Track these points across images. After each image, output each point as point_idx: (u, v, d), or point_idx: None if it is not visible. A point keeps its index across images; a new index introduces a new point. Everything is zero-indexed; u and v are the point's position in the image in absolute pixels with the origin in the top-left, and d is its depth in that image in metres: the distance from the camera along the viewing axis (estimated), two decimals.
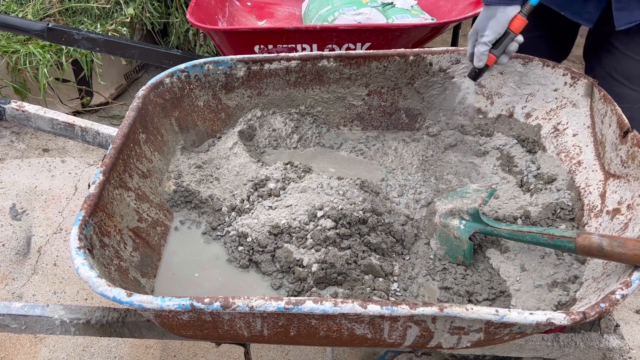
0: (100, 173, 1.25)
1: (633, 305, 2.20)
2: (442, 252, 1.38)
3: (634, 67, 1.53)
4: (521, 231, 1.23)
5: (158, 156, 1.53)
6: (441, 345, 1.08)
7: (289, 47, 2.31)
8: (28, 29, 2.36)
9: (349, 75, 1.69)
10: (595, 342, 1.25)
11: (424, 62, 1.65)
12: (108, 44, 2.41)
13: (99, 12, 3.22)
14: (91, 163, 2.92)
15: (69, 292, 2.27)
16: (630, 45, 1.51)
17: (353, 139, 1.77)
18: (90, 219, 1.15)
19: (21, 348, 2.06)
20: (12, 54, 2.94)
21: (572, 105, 1.54)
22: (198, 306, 0.96)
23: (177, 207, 1.51)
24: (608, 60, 1.58)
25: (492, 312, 0.94)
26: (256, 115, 1.73)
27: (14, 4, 3.20)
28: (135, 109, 1.45)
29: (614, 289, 0.97)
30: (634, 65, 1.53)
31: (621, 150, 1.29)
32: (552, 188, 1.48)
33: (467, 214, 1.34)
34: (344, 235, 1.36)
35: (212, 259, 1.40)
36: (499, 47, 1.45)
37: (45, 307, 1.28)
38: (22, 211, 2.61)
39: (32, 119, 1.70)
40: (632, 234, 1.15)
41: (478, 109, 1.71)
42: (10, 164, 2.91)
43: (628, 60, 1.53)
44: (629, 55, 1.52)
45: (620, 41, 1.53)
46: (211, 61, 1.63)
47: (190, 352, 2.05)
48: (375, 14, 2.46)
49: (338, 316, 0.97)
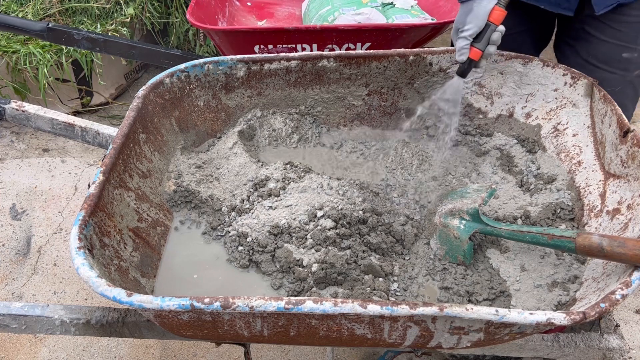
0: (100, 173, 1.25)
1: (633, 305, 2.20)
2: (442, 252, 1.38)
3: (612, 51, 1.59)
4: (521, 231, 1.23)
5: (158, 156, 1.53)
6: (441, 345, 1.08)
7: (289, 47, 2.31)
8: (28, 29, 2.35)
9: (349, 75, 1.69)
10: (595, 342, 1.25)
11: (424, 62, 1.65)
12: (108, 44, 2.41)
13: (99, 12, 3.22)
14: (91, 163, 2.92)
15: (69, 292, 2.27)
16: (606, 31, 1.57)
17: (353, 139, 1.77)
18: (90, 219, 1.15)
19: (21, 348, 2.06)
20: (12, 54, 2.94)
21: (572, 105, 1.54)
22: (198, 306, 0.96)
23: (177, 207, 1.51)
24: (585, 49, 1.64)
25: (492, 312, 0.94)
26: (256, 115, 1.73)
27: (14, 4, 3.20)
28: (135, 109, 1.45)
29: (614, 289, 0.97)
30: (611, 49, 1.59)
31: (621, 150, 1.29)
32: (552, 188, 1.48)
33: (467, 214, 1.34)
34: (344, 235, 1.36)
35: (212, 259, 1.40)
36: (482, 40, 1.43)
37: (45, 307, 1.28)
38: (22, 211, 2.61)
39: (32, 119, 1.70)
40: (632, 234, 1.15)
41: (478, 109, 1.71)
42: (10, 164, 2.91)
43: (605, 45, 1.59)
44: (605, 40, 1.59)
45: (596, 28, 1.60)
46: (211, 61, 1.63)
47: (190, 352, 2.05)
48: (375, 14, 2.47)
49: (338, 316, 0.97)
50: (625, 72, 1.61)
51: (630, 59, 1.59)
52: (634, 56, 1.58)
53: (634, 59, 1.59)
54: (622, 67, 1.60)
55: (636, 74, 1.62)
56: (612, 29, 1.56)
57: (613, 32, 1.57)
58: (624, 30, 1.56)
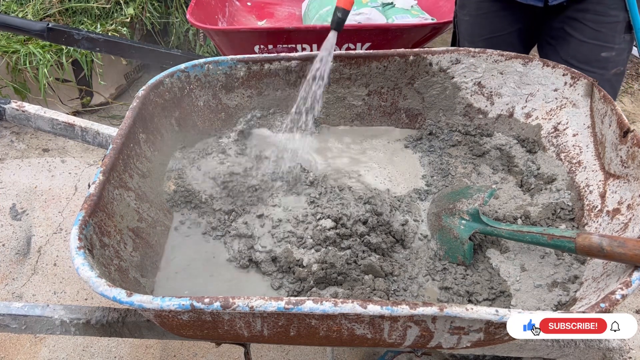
0: (100, 173, 1.25)
1: (633, 305, 2.20)
2: (442, 252, 1.38)
3: (591, 51, 1.64)
4: (521, 231, 1.23)
5: (158, 156, 1.53)
6: (441, 345, 1.08)
7: (289, 47, 2.32)
8: (28, 29, 2.36)
9: (349, 75, 1.69)
10: (595, 342, 1.25)
11: (424, 62, 1.65)
12: (108, 44, 2.41)
13: (99, 12, 3.22)
14: (91, 163, 2.92)
15: (69, 292, 2.27)
16: (586, 32, 1.62)
17: (353, 139, 1.76)
18: (90, 219, 1.15)
19: (21, 348, 2.06)
20: (12, 54, 2.94)
21: (572, 105, 1.54)
22: (198, 306, 0.96)
23: (177, 207, 1.51)
24: (565, 49, 1.70)
25: (492, 312, 0.94)
26: (256, 115, 1.73)
27: (14, 4, 3.20)
28: (135, 109, 1.45)
29: (614, 289, 0.97)
30: (590, 49, 1.64)
31: (621, 150, 1.29)
32: (552, 188, 1.48)
33: (467, 214, 1.34)
34: (344, 235, 1.36)
35: (212, 259, 1.40)
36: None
37: (45, 307, 1.28)
38: (22, 211, 2.61)
39: (32, 119, 1.70)
40: (632, 234, 1.15)
41: (478, 109, 1.71)
42: (10, 164, 2.91)
43: (585, 45, 1.64)
44: (584, 41, 1.64)
45: (575, 29, 1.64)
46: (211, 61, 1.63)
47: (190, 352, 2.05)
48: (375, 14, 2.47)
49: (338, 316, 0.97)
50: (604, 70, 1.66)
51: (609, 57, 1.64)
52: (611, 55, 1.63)
53: (611, 57, 1.64)
54: (601, 66, 1.65)
55: (613, 72, 1.67)
56: (592, 30, 1.61)
57: (593, 32, 1.61)
58: (603, 30, 1.60)
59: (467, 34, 1.98)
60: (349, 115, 1.77)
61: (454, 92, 1.70)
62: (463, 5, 1.96)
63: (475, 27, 1.94)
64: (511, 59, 1.61)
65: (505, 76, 1.64)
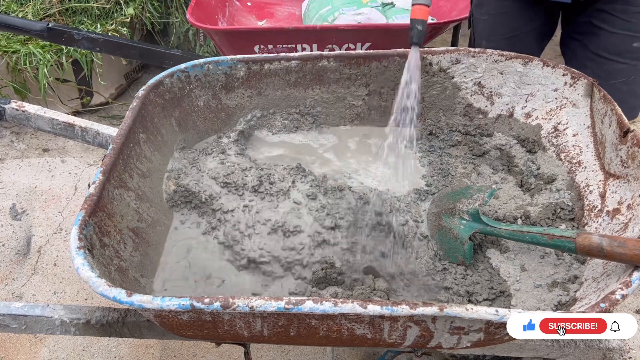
0: (100, 173, 1.25)
1: (633, 305, 2.20)
2: (442, 252, 1.38)
3: (622, 42, 1.62)
4: (521, 231, 1.23)
5: (158, 156, 1.53)
6: (441, 345, 1.08)
7: (289, 47, 2.32)
8: (28, 29, 2.36)
9: (349, 75, 1.69)
10: (595, 342, 1.25)
11: (424, 62, 1.65)
12: (108, 44, 2.41)
13: (99, 12, 3.22)
14: (91, 163, 2.92)
15: (69, 292, 2.27)
16: (616, 23, 1.60)
17: (353, 139, 1.76)
18: (90, 219, 1.15)
19: (21, 348, 2.06)
20: (12, 54, 2.94)
21: (572, 105, 1.54)
22: (198, 306, 0.96)
23: (177, 207, 1.51)
24: (594, 42, 1.67)
25: (492, 312, 0.94)
26: (256, 115, 1.73)
27: (14, 4, 3.20)
28: (135, 109, 1.45)
29: (614, 289, 0.97)
30: (621, 40, 1.62)
31: (621, 150, 1.29)
32: (552, 188, 1.48)
33: (467, 214, 1.34)
34: (344, 235, 1.36)
35: (212, 259, 1.40)
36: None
37: (45, 307, 1.28)
38: (22, 211, 2.61)
39: (32, 119, 1.70)
40: (632, 234, 1.15)
41: (478, 109, 1.71)
42: (10, 164, 2.91)
43: (615, 36, 1.62)
44: (615, 32, 1.62)
45: (604, 21, 1.62)
46: (211, 61, 1.63)
47: (190, 352, 2.05)
48: (375, 14, 2.47)
49: (338, 316, 0.97)
50: (637, 61, 1.63)
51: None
52: None
53: None
54: (634, 56, 1.63)
55: None
56: (622, 20, 1.59)
57: (623, 23, 1.59)
58: (634, 20, 1.58)
59: (485, 33, 1.95)
60: (349, 115, 1.77)
61: (454, 92, 1.70)
62: (481, 3, 1.93)
63: (495, 26, 1.91)
64: (511, 59, 1.61)
65: (505, 76, 1.64)
